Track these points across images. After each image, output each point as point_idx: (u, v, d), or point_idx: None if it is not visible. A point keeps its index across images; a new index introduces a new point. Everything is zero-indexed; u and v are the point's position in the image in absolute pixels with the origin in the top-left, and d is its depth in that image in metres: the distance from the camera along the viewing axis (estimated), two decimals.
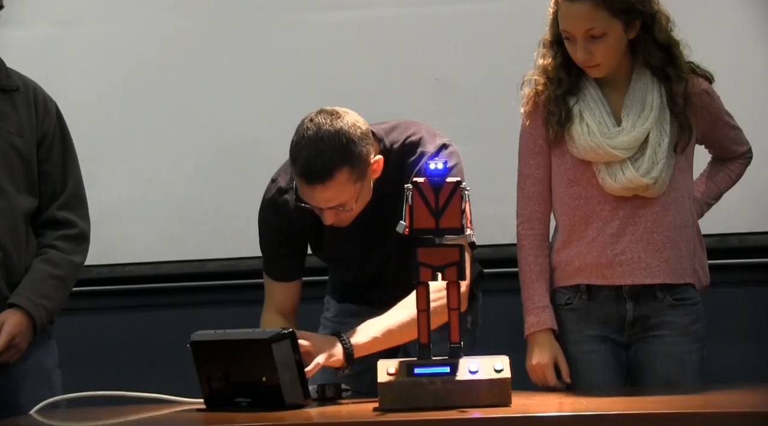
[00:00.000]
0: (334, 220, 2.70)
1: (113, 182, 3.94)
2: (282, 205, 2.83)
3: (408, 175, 2.63)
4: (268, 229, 2.88)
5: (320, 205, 2.67)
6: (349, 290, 3.03)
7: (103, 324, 4.02)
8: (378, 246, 2.82)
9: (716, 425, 2.27)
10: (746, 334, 3.78)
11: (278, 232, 2.86)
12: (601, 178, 2.79)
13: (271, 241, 2.89)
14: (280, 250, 2.89)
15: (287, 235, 2.86)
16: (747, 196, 3.74)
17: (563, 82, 2.80)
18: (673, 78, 2.78)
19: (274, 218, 2.85)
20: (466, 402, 2.37)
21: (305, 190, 2.65)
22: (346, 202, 2.67)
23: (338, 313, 3.05)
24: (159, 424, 2.47)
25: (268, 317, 2.89)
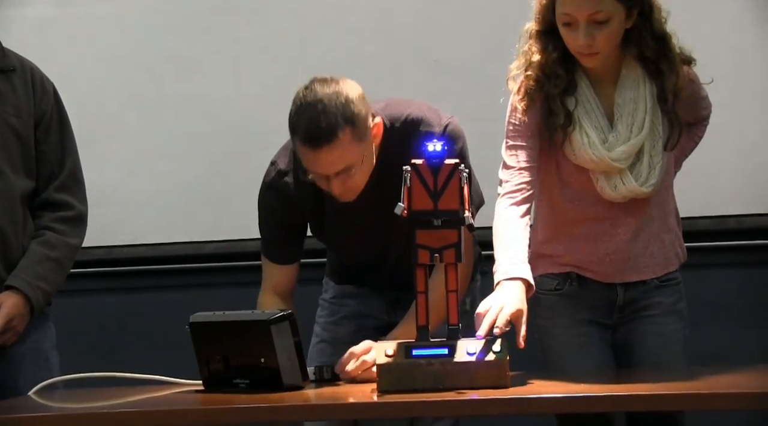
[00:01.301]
0: (342, 191, 2.66)
1: (111, 164, 3.94)
2: (282, 188, 2.81)
3: (413, 155, 2.59)
4: (268, 211, 2.86)
5: (326, 170, 2.63)
6: (348, 273, 3.02)
7: (101, 306, 4.03)
8: (380, 229, 2.81)
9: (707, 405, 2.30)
10: (745, 316, 3.79)
11: (278, 215, 2.85)
12: (599, 187, 2.77)
13: (271, 224, 2.87)
14: (279, 233, 2.87)
15: (287, 218, 2.85)
16: (745, 178, 3.75)
17: (560, 78, 2.74)
18: (665, 72, 2.73)
19: (275, 201, 2.83)
20: (464, 383, 2.37)
21: (310, 156, 2.62)
22: (352, 164, 2.63)
23: (337, 295, 3.04)
24: (157, 406, 2.47)
25: (265, 299, 2.87)
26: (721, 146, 3.59)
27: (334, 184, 2.65)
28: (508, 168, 2.76)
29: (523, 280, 2.57)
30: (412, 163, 2.46)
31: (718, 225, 3.76)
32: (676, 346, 2.85)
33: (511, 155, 2.77)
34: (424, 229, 2.46)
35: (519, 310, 2.48)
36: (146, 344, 3.91)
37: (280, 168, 2.82)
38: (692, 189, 3.34)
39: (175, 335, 2.90)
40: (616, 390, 2.41)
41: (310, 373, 2.61)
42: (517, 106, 2.76)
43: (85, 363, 2.91)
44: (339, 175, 2.64)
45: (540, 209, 2.89)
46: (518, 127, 2.77)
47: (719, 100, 2.92)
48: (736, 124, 3.68)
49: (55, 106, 3.01)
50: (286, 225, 2.86)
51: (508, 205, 2.72)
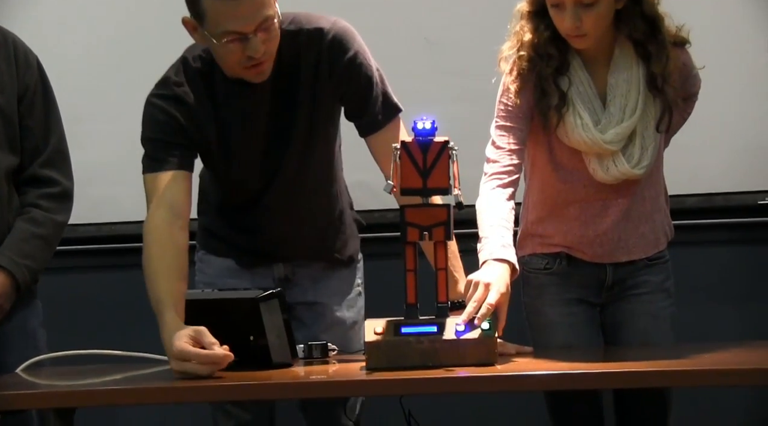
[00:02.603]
0: (263, 52, 2.57)
1: (101, 141, 3.92)
2: (181, 96, 2.68)
3: (303, 50, 2.64)
4: (161, 120, 2.68)
5: (248, 22, 2.53)
6: (227, 220, 2.87)
7: (90, 283, 4.02)
8: (275, 144, 2.73)
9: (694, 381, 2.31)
10: (732, 294, 3.79)
11: (173, 123, 2.67)
12: (591, 169, 2.77)
13: (168, 128, 2.67)
14: (176, 138, 2.67)
15: (182, 128, 2.68)
16: (733, 156, 3.75)
17: (553, 58, 2.72)
18: (653, 55, 2.72)
19: (171, 108, 2.67)
20: (453, 361, 2.38)
21: (230, 11, 2.51)
22: (272, 14, 2.55)
23: (216, 273, 2.88)
24: (146, 383, 2.47)
25: (159, 217, 2.59)
26: (709, 124, 3.58)
27: (254, 44, 2.55)
28: (498, 148, 2.75)
29: (510, 263, 2.57)
30: (402, 141, 2.46)
31: (705, 203, 3.77)
32: (664, 324, 2.86)
33: (501, 136, 2.76)
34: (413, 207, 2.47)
35: (503, 296, 2.47)
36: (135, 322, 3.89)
37: (175, 79, 2.71)
38: (680, 167, 3.34)
39: None
40: (604, 367, 2.42)
41: (300, 351, 2.60)
42: (510, 88, 2.75)
43: (74, 340, 2.89)
44: (260, 31, 2.56)
45: (531, 190, 2.89)
46: (510, 108, 2.76)
47: (708, 78, 2.92)
48: (725, 102, 3.67)
49: (39, 79, 2.96)
50: (183, 132, 2.69)
51: (495, 186, 2.72)
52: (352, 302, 2.91)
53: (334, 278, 2.89)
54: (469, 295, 2.47)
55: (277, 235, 2.83)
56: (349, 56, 2.70)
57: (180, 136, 2.68)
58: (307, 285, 2.85)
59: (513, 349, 2.59)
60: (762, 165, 3.71)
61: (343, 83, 2.71)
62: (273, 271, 2.87)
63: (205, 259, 2.93)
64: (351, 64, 2.70)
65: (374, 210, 3.75)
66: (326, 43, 2.69)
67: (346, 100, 2.76)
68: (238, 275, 2.87)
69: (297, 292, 2.85)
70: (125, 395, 2.37)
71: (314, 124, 2.74)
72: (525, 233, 2.91)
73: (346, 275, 2.92)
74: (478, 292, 2.46)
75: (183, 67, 2.72)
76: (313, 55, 2.69)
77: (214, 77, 2.70)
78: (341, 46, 2.69)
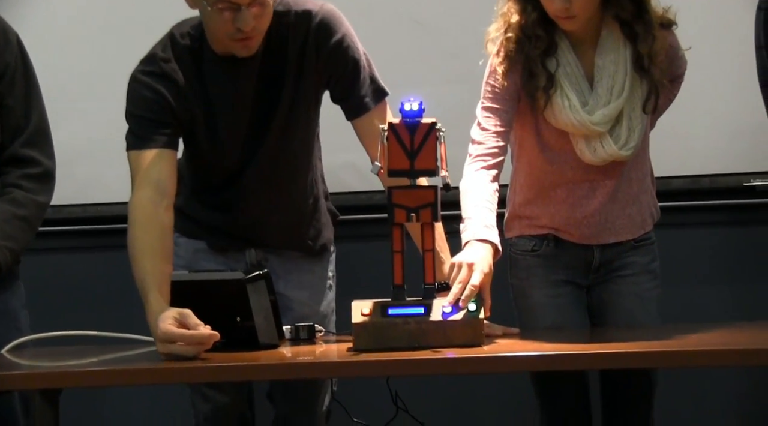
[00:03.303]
0: (251, 27, 2.57)
1: (86, 121, 3.89)
2: (168, 73, 2.68)
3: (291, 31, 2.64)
4: (151, 93, 2.67)
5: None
6: (202, 199, 2.85)
7: (75, 264, 4.01)
8: (261, 123, 2.73)
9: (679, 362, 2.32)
10: (718, 275, 3.81)
11: (163, 99, 2.67)
12: (579, 150, 2.77)
13: (154, 106, 2.67)
14: (162, 115, 2.67)
15: (172, 104, 2.67)
16: (719, 138, 3.76)
17: (540, 39, 2.72)
18: (639, 35, 2.72)
19: (158, 85, 2.66)
20: (440, 342, 2.38)
21: None
22: None
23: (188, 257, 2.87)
24: (132, 363, 2.47)
25: (142, 193, 2.60)
26: (696, 106, 3.59)
27: (245, 17, 2.55)
28: (483, 130, 2.76)
29: (492, 244, 2.57)
30: (390, 122, 2.46)
31: (692, 184, 3.77)
32: (650, 305, 2.87)
33: (487, 117, 2.76)
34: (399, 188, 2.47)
35: (486, 276, 2.48)
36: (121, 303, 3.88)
37: (162, 56, 2.70)
38: (666, 149, 3.35)
39: None
40: (590, 348, 2.42)
41: (287, 332, 2.60)
42: (497, 69, 2.75)
43: (59, 322, 2.88)
44: (254, 5, 2.56)
45: (519, 171, 2.89)
46: (496, 90, 2.76)
47: (695, 60, 2.92)
48: (711, 84, 3.67)
49: (19, 57, 2.90)
50: (170, 110, 2.68)
51: (479, 168, 2.73)
52: (322, 296, 2.90)
53: (306, 271, 2.87)
54: (453, 276, 2.48)
55: (251, 216, 2.82)
56: (337, 39, 2.70)
57: (166, 114, 2.67)
58: (278, 274, 2.83)
59: (500, 330, 2.59)
60: (748, 147, 3.71)
61: (330, 66, 2.71)
62: (245, 256, 2.86)
63: (178, 241, 2.88)
64: (338, 46, 2.70)
65: (361, 191, 3.75)
66: (314, 26, 2.69)
67: (333, 83, 2.75)
68: (210, 258, 2.85)
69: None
70: (113, 376, 2.37)
71: (297, 105, 2.74)
72: (512, 215, 2.92)
73: (318, 269, 2.90)
74: (462, 274, 2.47)
75: (171, 43, 2.71)
76: (301, 36, 2.69)
77: (203, 55, 2.69)
78: (328, 28, 2.69)
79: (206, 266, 2.81)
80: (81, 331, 2.70)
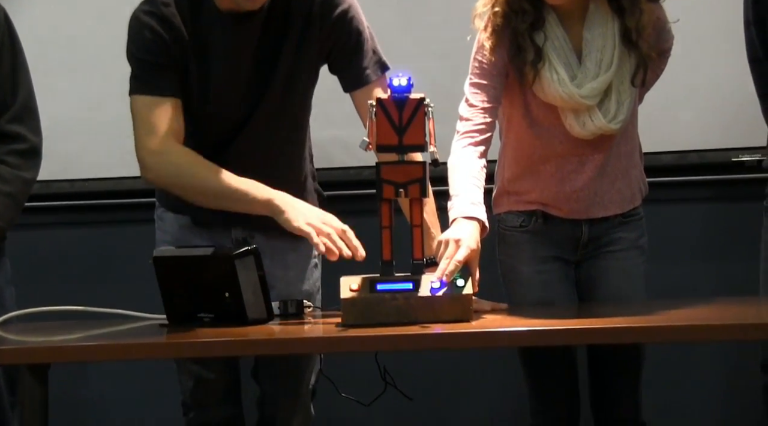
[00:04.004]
0: None
1: (74, 95, 3.89)
2: (169, 17, 2.66)
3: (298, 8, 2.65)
4: (152, 34, 2.65)
5: None
6: None
7: (63, 239, 4.01)
8: (258, 86, 2.72)
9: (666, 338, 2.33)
10: (706, 251, 3.82)
11: (163, 41, 2.66)
12: (568, 124, 2.78)
13: (156, 48, 2.65)
14: (165, 58, 2.66)
15: (171, 49, 2.66)
16: (708, 113, 3.77)
17: (527, 13, 2.72)
18: (627, 9, 2.72)
19: (159, 27, 2.65)
20: (428, 317, 2.39)
21: None
22: None
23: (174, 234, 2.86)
24: (121, 339, 2.47)
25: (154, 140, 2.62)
26: (684, 81, 3.60)
27: None
28: (471, 106, 2.77)
29: (479, 220, 2.59)
30: (378, 98, 2.46)
31: (679, 160, 3.78)
32: (638, 281, 2.89)
33: (474, 93, 2.77)
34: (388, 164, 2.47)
35: (473, 252, 2.50)
36: (110, 279, 3.90)
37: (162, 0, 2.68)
38: (654, 124, 3.36)
39: (138, 269, 2.89)
40: (578, 324, 2.44)
41: (275, 308, 2.61)
42: (485, 44, 2.76)
43: (46, 298, 2.88)
44: None
45: (507, 147, 2.90)
46: (484, 65, 2.77)
47: (683, 35, 2.93)
48: (699, 58, 3.68)
49: (6, 31, 2.90)
50: (168, 54, 2.67)
51: (466, 145, 2.74)
52: (308, 275, 2.90)
53: (290, 250, 2.85)
54: (440, 253, 2.49)
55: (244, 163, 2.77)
56: (343, 9, 2.70)
57: (168, 58, 2.67)
58: (264, 252, 2.82)
59: (488, 306, 2.61)
60: (737, 122, 3.72)
61: (333, 35, 2.72)
62: (231, 233, 2.84)
63: (163, 216, 2.90)
64: (343, 16, 2.70)
65: (350, 167, 3.76)
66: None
67: (335, 53, 2.75)
68: (196, 234, 2.84)
69: None
70: (102, 351, 2.37)
71: (296, 73, 2.73)
72: (501, 191, 2.93)
73: (303, 247, 2.87)
74: (449, 250, 2.48)
75: None
76: (307, 4, 2.69)
77: (201, 5, 2.68)
78: None
79: (193, 242, 2.81)
80: (68, 306, 2.70)
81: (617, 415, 2.87)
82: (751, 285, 3.02)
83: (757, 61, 2.93)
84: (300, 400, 2.91)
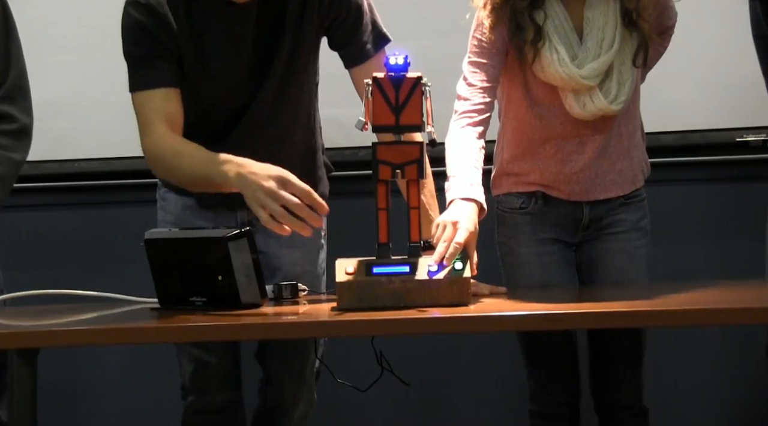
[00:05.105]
0: None
1: (64, 73, 3.87)
2: (155, 7, 2.65)
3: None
4: (139, 28, 2.66)
5: None
6: None
7: (52, 221, 3.99)
8: (259, 70, 2.72)
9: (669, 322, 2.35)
10: (709, 232, 3.82)
11: (151, 33, 2.65)
12: (568, 105, 2.76)
13: (145, 40, 2.65)
14: (156, 48, 2.66)
15: (161, 40, 2.66)
16: (710, 92, 3.75)
17: None
18: None
19: (147, 19, 2.65)
20: (426, 301, 2.39)
21: None
22: None
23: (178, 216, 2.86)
24: (112, 323, 2.46)
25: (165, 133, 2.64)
26: (687, 59, 3.58)
27: None
28: (469, 85, 2.76)
29: (477, 202, 2.58)
30: (374, 76, 2.45)
31: (682, 140, 3.77)
32: (640, 263, 2.88)
33: (473, 72, 2.76)
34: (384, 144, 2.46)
35: (471, 235, 2.49)
36: (101, 261, 3.89)
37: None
38: (656, 103, 3.34)
39: (130, 252, 2.89)
40: (579, 307, 2.43)
41: (269, 292, 2.60)
42: (484, 22, 2.74)
43: (36, 281, 2.88)
44: None
45: (507, 127, 2.89)
46: (483, 44, 2.75)
47: (685, 12, 2.91)
48: (702, 36, 3.66)
49: (1, 12, 2.90)
50: (158, 44, 2.67)
51: (464, 125, 2.73)
52: (314, 257, 2.90)
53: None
54: (438, 235, 2.48)
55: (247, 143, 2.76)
56: None
57: (156, 47, 2.66)
58: (269, 233, 2.82)
59: (486, 289, 2.60)
60: (741, 101, 3.71)
61: (332, 10, 2.70)
62: (236, 215, 2.84)
63: (166, 197, 2.90)
64: None
65: (345, 147, 3.74)
66: None
67: (334, 28, 2.74)
68: (200, 215, 2.84)
69: (259, 240, 2.80)
70: (94, 335, 2.36)
71: (297, 51, 2.72)
72: (500, 172, 2.92)
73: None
74: (447, 232, 2.47)
75: None
76: None
77: None
78: None
79: (195, 224, 2.80)
80: (59, 289, 2.69)
81: (618, 401, 2.87)
82: (756, 268, 3.02)
83: (762, 38, 2.92)
84: (305, 383, 2.91)
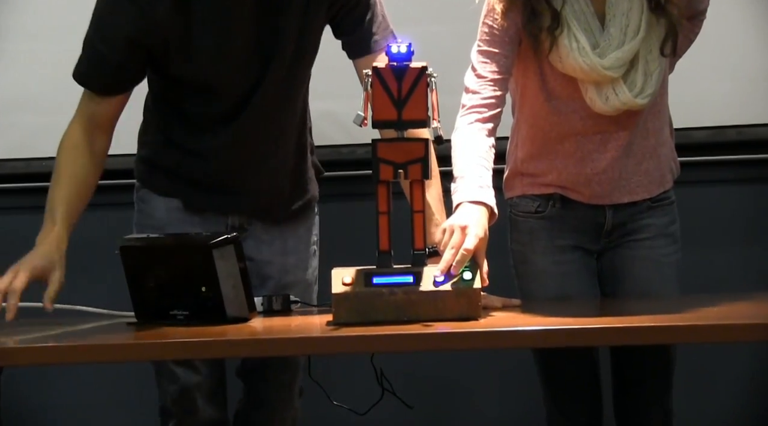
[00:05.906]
0: None
1: (34, 63, 3.88)
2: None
3: None
4: (111, 18, 2.67)
5: None
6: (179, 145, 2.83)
7: (18, 225, 3.98)
8: (262, 59, 2.72)
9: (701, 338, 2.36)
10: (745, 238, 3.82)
11: (124, 30, 2.65)
12: (589, 99, 2.77)
13: (113, 38, 2.67)
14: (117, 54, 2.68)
15: (133, 38, 2.66)
16: (746, 84, 3.76)
17: None
18: None
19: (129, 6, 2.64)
20: (431, 315, 2.39)
21: None
22: None
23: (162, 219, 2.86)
24: (83, 339, 2.45)
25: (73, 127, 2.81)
26: (720, 48, 3.59)
27: None
28: (479, 77, 2.76)
29: (487, 206, 2.58)
30: (374, 67, 2.45)
31: (715, 136, 3.78)
32: (669, 272, 2.89)
33: (483, 63, 2.76)
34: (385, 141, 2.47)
35: (481, 241, 2.49)
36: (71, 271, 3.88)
37: None
38: (687, 96, 3.35)
39: (103, 260, 2.88)
40: (600, 322, 2.44)
41: (258, 304, 2.61)
42: (495, 7, 2.75)
43: None
44: None
45: (521, 123, 2.89)
46: (494, 31, 2.76)
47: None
48: (738, 23, 3.68)
49: None
50: (127, 47, 2.68)
51: (473, 120, 2.74)
52: (307, 263, 2.91)
53: (290, 235, 2.87)
54: (444, 241, 2.48)
55: (242, 162, 2.79)
56: None
57: (123, 52, 2.68)
58: (261, 239, 2.83)
59: (498, 301, 2.60)
60: None
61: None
62: (227, 220, 2.84)
63: (146, 198, 2.89)
64: None
65: (343, 145, 3.75)
66: None
67: (341, 15, 2.76)
68: (186, 219, 2.84)
69: (249, 246, 2.80)
70: (62, 353, 2.36)
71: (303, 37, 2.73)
72: (514, 172, 2.92)
73: (303, 231, 2.90)
74: (454, 238, 2.47)
75: None
76: None
77: None
78: None
79: (179, 229, 2.80)
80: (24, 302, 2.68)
81: (645, 425, 2.87)
82: None
83: None
84: (291, 400, 2.93)
